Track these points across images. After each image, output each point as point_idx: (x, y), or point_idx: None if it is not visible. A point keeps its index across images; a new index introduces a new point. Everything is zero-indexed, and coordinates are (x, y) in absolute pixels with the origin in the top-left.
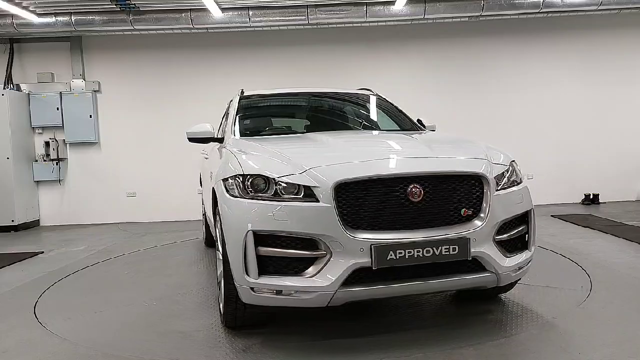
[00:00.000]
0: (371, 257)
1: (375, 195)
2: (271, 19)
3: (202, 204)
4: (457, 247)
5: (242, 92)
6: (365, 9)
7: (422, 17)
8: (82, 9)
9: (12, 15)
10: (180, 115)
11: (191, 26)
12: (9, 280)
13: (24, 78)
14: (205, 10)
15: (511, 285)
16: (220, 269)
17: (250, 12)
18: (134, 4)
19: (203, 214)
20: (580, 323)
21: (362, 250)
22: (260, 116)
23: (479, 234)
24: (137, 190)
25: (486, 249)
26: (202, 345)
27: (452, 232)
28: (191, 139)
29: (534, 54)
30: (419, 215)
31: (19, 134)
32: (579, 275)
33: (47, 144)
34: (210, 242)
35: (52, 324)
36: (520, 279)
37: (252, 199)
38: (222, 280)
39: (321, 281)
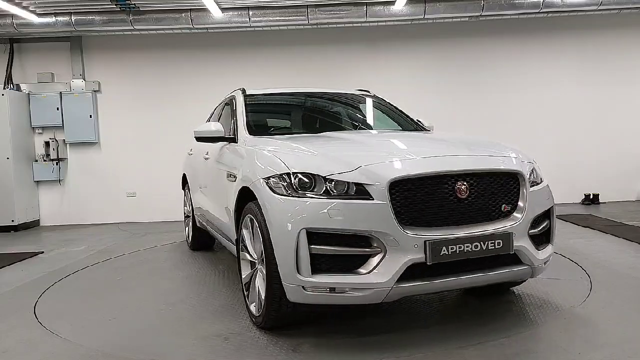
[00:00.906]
0: (425, 253)
1: (426, 192)
2: (271, 19)
3: (186, 205)
4: (501, 242)
5: (245, 90)
6: (365, 9)
7: (422, 17)
8: (82, 9)
9: (12, 15)
10: (180, 115)
11: (191, 26)
12: (9, 280)
13: (24, 78)
14: (205, 10)
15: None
16: (246, 271)
17: (250, 12)
18: (134, 4)
19: (187, 216)
20: (580, 323)
21: (416, 246)
22: (269, 115)
23: (517, 228)
24: (137, 190)
25: (523, 243)
26: (247, 347)
27: (495, 227)
28: (200, 139)
29: (534, 54)
30: (465, 212)
31: (19, 134)
32: (579, 275)
33: (47, 144)
34: (199, 245)
35: (52, 324)
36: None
37: (303, 197)
38: (257, 281)
39: (378, 278)
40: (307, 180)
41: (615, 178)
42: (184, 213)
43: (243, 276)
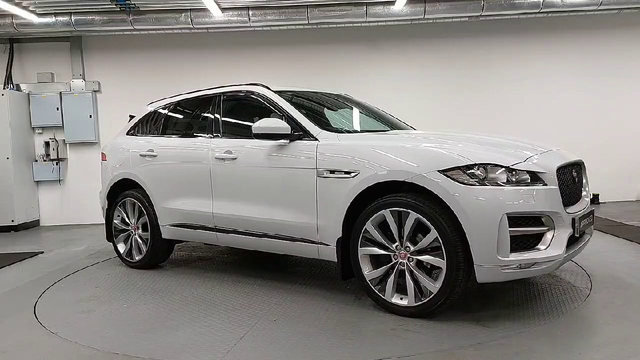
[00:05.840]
0: (574, 227)
1: (566, 178)
2: (271, 18)
3: (120, 217)
4: (592, 217)
5: (268, 87)
6: (365, 9)
7: (422, 17)
8: (82, 9)
9: (12, 15)
10: None
11: (191, 26)
12: (9, 280)
13: (24, 78)
14: (205, 10)
15: None
16: (368, 267)
17: (250, 12)
18: (134, 4)
19: (121, 230)
20: (580, 323)
21: (569, 222)
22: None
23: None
24: None
25: None
26: (450, 335)
27: (587, 206)
28: (260, 135)
29: (534, 54)
30: (574, 194)
31: (19, 134)
32: (579, 275)
33: (47, 144)
34: (155, 260)
35: (52, 324)
36: None
37: (501, 185)
38: (412, 272)
39: (555, 251)
40: (485, 171)
41: (615, 178)
42: (113, 228)
43: (366, 272)
